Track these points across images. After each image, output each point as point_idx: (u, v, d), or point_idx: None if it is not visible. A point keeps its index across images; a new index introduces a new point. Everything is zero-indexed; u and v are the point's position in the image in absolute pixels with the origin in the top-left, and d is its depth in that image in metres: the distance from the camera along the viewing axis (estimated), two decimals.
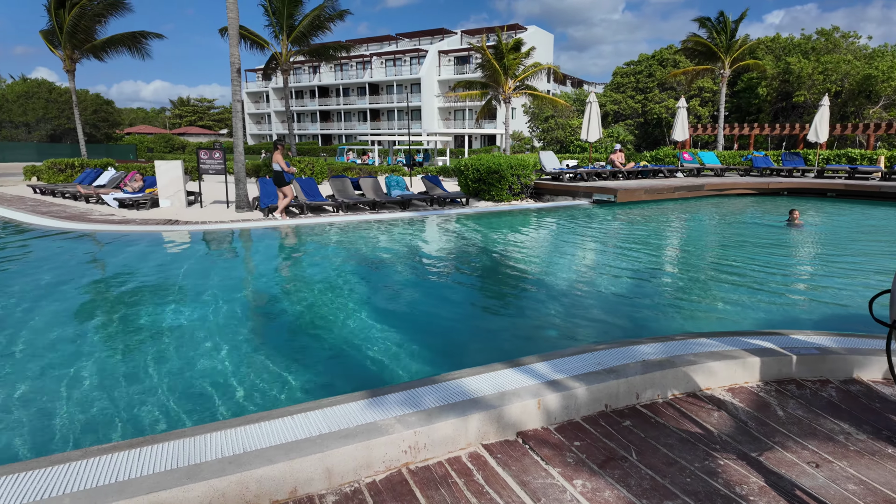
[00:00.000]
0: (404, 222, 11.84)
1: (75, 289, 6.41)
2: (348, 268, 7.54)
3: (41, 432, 3.22)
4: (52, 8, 20.76)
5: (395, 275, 7.25)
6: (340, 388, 3.75)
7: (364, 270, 7.46)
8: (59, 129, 44.90)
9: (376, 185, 14.43)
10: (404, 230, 10.90)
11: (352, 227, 11.03)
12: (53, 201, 14.84)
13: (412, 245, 9.47)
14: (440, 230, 10.96)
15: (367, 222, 11.69)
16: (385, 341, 4.60)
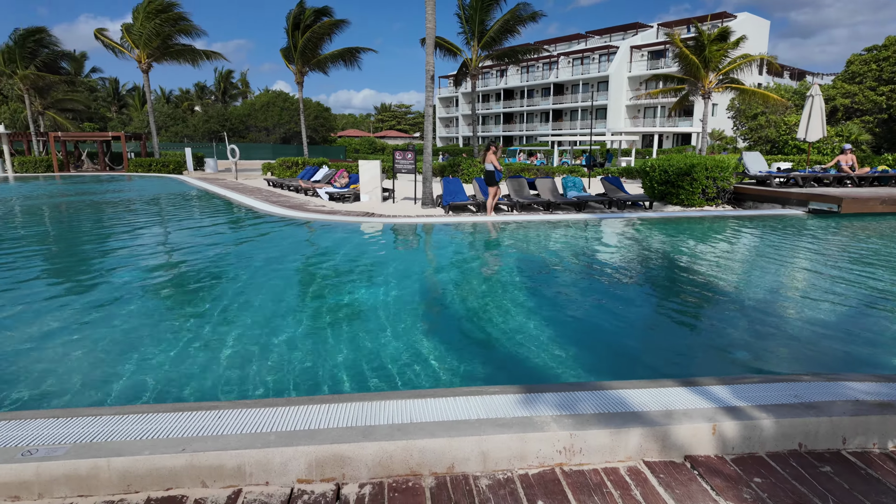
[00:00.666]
0: (579, 224, 11.56)
1: (290, 264, 7.63)
2: (517, 266, 7.65)
3: (246, 372, 3.93)
4: (290, 30, 24.78)
5: (564, 276, 7.14)
6: (497, 379, 3.85)
7: (532, 269, 7.49)
8: (289, 132, 53.40)
9: (552, 186, 14.33)
10: (578, 232, 10.65)
11: (524, 227, 11.14)
12: (281, 193, 17.74)
13: (585, 248, 9.22)
14: (618, 234, 10.45)
15: (540, 222, 11.69)
16: (546, 341, 4.59)
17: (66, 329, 4.84)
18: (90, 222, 12.41)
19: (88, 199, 16.85)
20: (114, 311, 5.38)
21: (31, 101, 32.11)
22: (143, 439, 2.46)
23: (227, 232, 11.08)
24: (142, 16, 26.75)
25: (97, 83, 54.97)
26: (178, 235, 10.60)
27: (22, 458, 2.29)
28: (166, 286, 6.57)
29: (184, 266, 7.70)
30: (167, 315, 5.36)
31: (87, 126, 46.82)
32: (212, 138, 50.71)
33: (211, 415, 2.72)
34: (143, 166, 28.16)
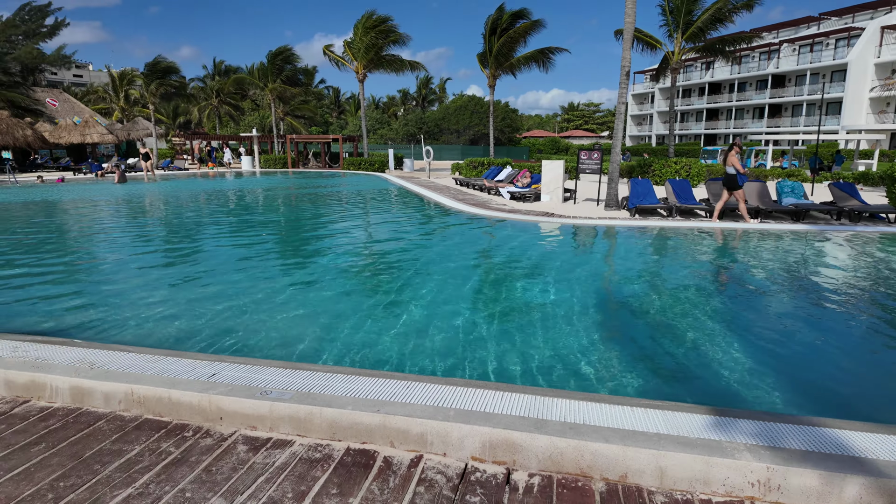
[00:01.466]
0: (796, 236, 9.97)
1: (472, 257, 8.03)
2: (711, 278, 6.93)
3: (424, 351, 4.24)
4: (487, 35, 25.83)
5: (770, 296, 6.26)
6: (677, 395, 3.57)
7: (730, 284, 6.71)
8: (477, 133, 55.72)
9: (763, 191, 12.59)
10: (794, 245, 9.20)
11: (725, 236, 10.00)
12: (467, 191, 18.67)
13: (803, 265, 7.94)
14: (850, 251, 8.79)
15: (745, 232, 10.38)
16: (736, 362, 4.10)
17: (284, 294, 5.82)
18: (312, 209, 14.59)
19: (312, 191, 19.81)
20: (319, 284, 6.28)
21: (275, 109, 38.87)
22: (347, 396, 2.86)
23: (417, 224, 12.05)
24: (360, 30, 30.43)
25: (323, 92, 64.12)
26: (377, 224, 11.88)
27: (260, 397, 2.85)
28: (363, 267, 7.44)
29: (379, 251, 8.62)
30: (365, 293, 6.07)
31: (313, 130, 54.98)
32: (410, 140, 55.44)
33: (400, 385, 3.04)
34: (354, 165, 32.08)
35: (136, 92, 42.00)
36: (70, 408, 3.02)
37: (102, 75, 77.90)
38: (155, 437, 2.73)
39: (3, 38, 41.98)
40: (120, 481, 2.35)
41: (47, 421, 2.87)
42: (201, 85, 49.75)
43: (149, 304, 5.55)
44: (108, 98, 46.78)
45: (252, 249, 8.92)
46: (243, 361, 3.35)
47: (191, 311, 5.29)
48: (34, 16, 45.14)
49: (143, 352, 3.46)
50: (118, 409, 2.99)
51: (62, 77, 74.74)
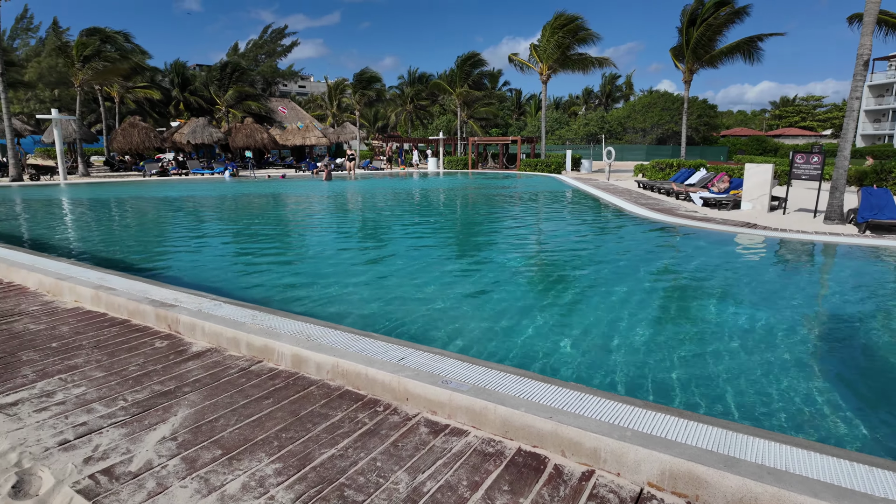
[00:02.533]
0: None
1: (656, 269, 7.52)
2: None
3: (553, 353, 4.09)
4: (684, 27, 23.78)
5: None
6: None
7: None
8: (666, 132, 51.68)
9: None
10: None
11: None
12: (651, 195, 17.48)
13: None
14: None
15: None
16: None
17: (455, 287, 6.12)
18: (486, 207, 15.08)
19: (487, 192, 20.47)
20: (490, 284, 6.47)
21: (460, 113, 40.98)
22: (520, 397, 2.93)
23: (593, 229, 11.66)
24: (548, 31, 30.40)
25: (505, 95, 65.56)
26: (550, 228, 11.80)
27: (441, 385, 3.08)
28: (534, 272, 7.46)
29: (550, 255, 8.56)
30: (536, 297, 6.10)
31: (493, 132, 56.62)
32: (590, 140, 53.74)
33: (573, 395, 3.01)
34: (530, 166, 32.27)
35: (346, 99, 47.77)
36: (290, 371, 3.61)
37: (321, 85, 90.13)
38: (353, 407, 3.13)
39: (252, 58, 51.26)
40: (326, 441, 2.75)
41: (274, 380, 3.47)
42: (398, 91, 54.60)
43: (349, 285, 6.33)
44: (324, 105, 54.01)
45: (428, 245, 9.56)
46: (427, 350, 3.64)
47: (382, 296, 5.89)
48: (274, 37, 54.19)
49: (346, 331, 3.97)
50: (326, 378, 3.49)
51: (290, 88, 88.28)
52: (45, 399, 3.17)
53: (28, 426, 2.86)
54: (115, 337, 4.21)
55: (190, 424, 2.90)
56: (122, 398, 3.19)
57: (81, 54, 27.52)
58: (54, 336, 4.20)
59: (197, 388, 3.34)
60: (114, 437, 2.76)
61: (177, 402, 3.16)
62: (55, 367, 3.63)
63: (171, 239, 10.58)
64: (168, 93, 42.96)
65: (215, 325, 4.05)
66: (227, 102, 37.03)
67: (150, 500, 2.28)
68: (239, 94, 37.06)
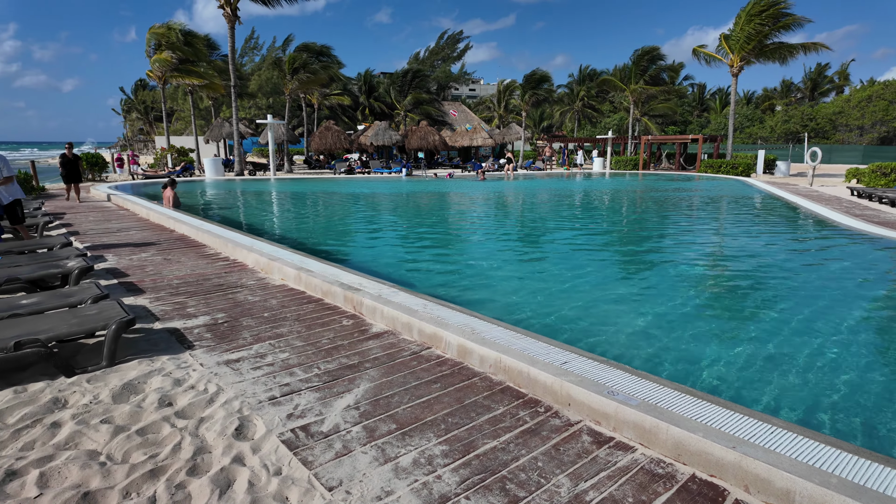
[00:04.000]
0: None
1: (873, 296, 6.31)
2: None
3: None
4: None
5: None
6: None
7: None
8: (892, 131, 42.86)
9: None
10: None
11: None
12: (868, 205, 14.66)
13: None
14: None
15: None
16: None
17: (628, 299, 5.79)
18: (652, 216, 14.03)
19: (657, 195, 19.02)
20: (669, 300, 6.00)
21: (633, 110, 38.75)
22: (697, 421, 2.70)
23: (791, 244, 10.15)
24: (743, 19, 27.17)
25: (686, 90, 60.21)
26: (731, 239, 10.56)
27: (607, 396, 2.97)
28: (710, 289, 6.75)
29: (731, 275, 7.65)
30: (723, 318, 5.53)
31: (670, 130, 52.44)
32: (788, 139, 46.83)
33: (762, 426, 2.68)
34: (712, 167, 29.22)
35: (514, 101, 48.35)
36: (455, 360, 3.80)
37: (490, 88, 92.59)
38: (514, 403, 3.18)
39: (429, 64, 54.57)
40: (489, 433, 2.84)
41: (441, 367, 3.68)
42: (566, 90, 53.55)
43: (507, 283, 6.43)
44: (492, 107, 55.32)
45: (589, 250, 9.23)
46: (591, 357, 3.54)
47: (537, 296, 5.87)
48: (450, 42, 56.96)
49: (508, 328, 4.04)
50: (488, 371, 3.60)
51: (461, 91, 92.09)
52: (258, 360, 3.78)
53: (247, 381, 3.44)
54: (312, 313, 4.84)
55: (370, 397, 3.22)
56: (316, 366, 3.66)
57: (292, 67, 31.99)
58: (266, 307, 4.98)
59: (376, 364, 3.69)
60: (310, 400, 3.19)
61: (359, 375, 3.53)
62: (266, 333, 4.30)
63: (355, 229, 11.80)
64: (356, 99, 47.81)
65: (393, 310, 4.42)
66: (405, 107, 39.95)
67: (336, 459, 2.59)
68: (416, 100, 39.71)
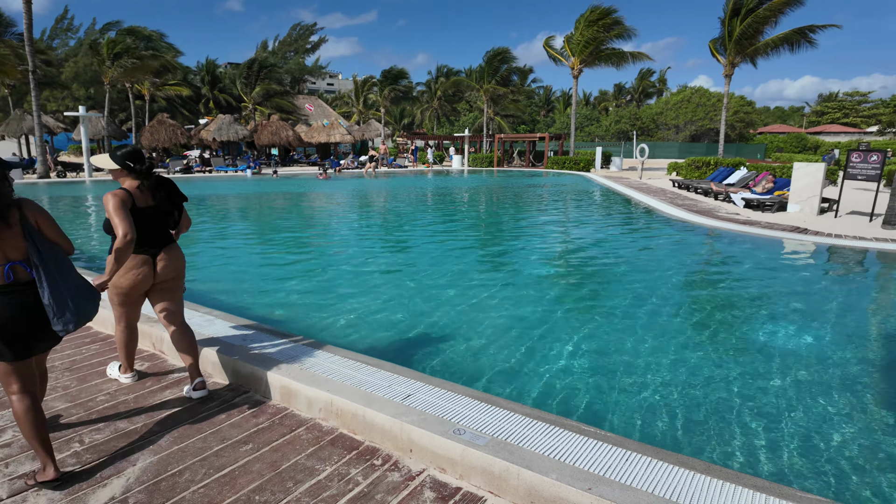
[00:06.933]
0: None
1: (697, 281, 6.80)
2: None
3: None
4: (727, 18, 22.58)
5: None
6: None
7: None
8: (700, 129, 49.90)
9: None
10: None
11: None
12: (687, 195, 16.54)
13: None
14: None
15: None
16: None
17: (467, 300, 5.53)
18: (507, 209, 14.41)
19: (510, 191, 19.75)
20: (505, 296, 5.86)
21: (487, 109, 40.25)
22: (551, 458, 2.35)
23: (624, 233, 10.91)
24: (582, 25, 29.42)
25: (534, 91, 64.42)
26: (577, 231, 11.09)
27: (453, 436, 2.51)
28: (557, 280, 6.82)
29: (573, 261, 7.89)
30: (554, 306, 5.48)
31: (520, 128, 55.63)
32: (621, 137, 52.30)
33: (617, 452, 2.41)
34: (558, 164, 31.36)
35: (373, 96, 47.57)
36: (279, 406, 3.10)
37: (349, 83, 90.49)
38: (346, 458, 2.59)
39: (280, 55, 51.50)
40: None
41: (258, 418, 2.96)
42: (425, 89, 54.14)
43: (349, 296, 5.81)
44: (351, 103, 53.98)
45: (444, 247, 8.99)
46: (438, 384, 3.08)
47: (384, 309, 5.36)
48: (302, 34, 54.33)
49: (346, 356, 3.44)
50: (318, 416, 2.96)
51: (318, 86, 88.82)
52: None
53: None
54: (93, 357, 3.77)
55: (150, 478, 2.40)
56: (77, 440, 2.72)
57: (111, 52, 27.84)
58: None
59: (168, 426, 2.85)
60: (53, 498, 2.28)
61: (140, 444, 2.67)
62: None
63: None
64: (199, 91, 43.44)
65: (203, 345, 3.57)
66: (254, 100, 37.14)
67: None
68: (266, 92, 37.13)
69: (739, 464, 2.90)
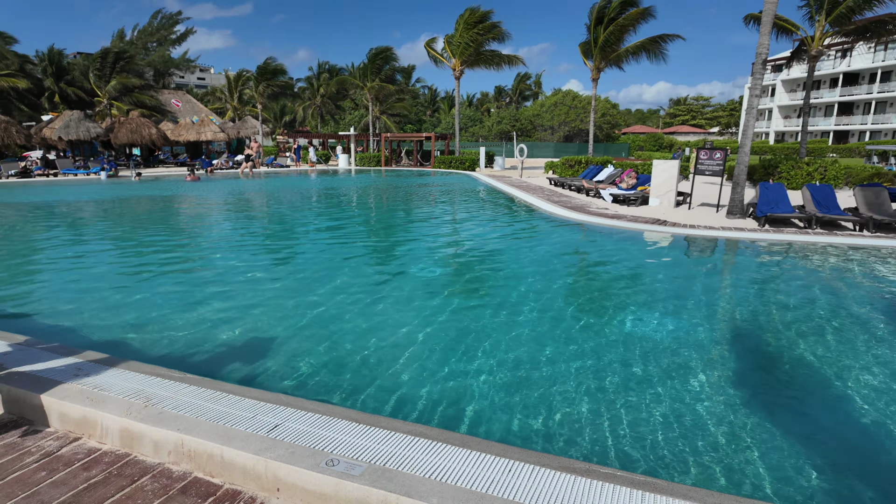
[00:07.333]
0: None
1: (570, 273, 7.12)
2: (867, 320, 5.50)
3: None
4: (592, 25, 24.31)
5: None
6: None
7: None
8: (572, 130, 53.61)
9: None
10: None
11: (887, 257, 8.23)
12: (563, 192, 17.53)
13: None
14: None
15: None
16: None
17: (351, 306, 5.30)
18: (396, 209, 14.27)
19: (399, 190, 19.63)
20: (386, 295, 5.71)
21: (372, 108, 39.74)
22: (433, 479, 2.19)
23: (507, 231, 11.24)
24: (461, 27, 30.01)
25: (419, 91, 64.95)
26: (463, 230, 11.24)
27: (324, 469, 2.26)
28: (437, 285, 6.79)
29: (457, 256, 7.95)
30: (435, 311, 5.42)
31: (407, 128, 55.81)
32: (502, 138, 54.49)
33: (500, 464, 2.32)
34: (445, 163, 31.84)
35: (249, 91, 44.82)
36: (119, 453, 2.62)
37: (222, 77, 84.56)
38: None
39: (140, 46, 46.63)
40: None
41: (90, 470, 2.47)
42: (307, 85, 52.19)
43: (209, 315, 5.28)
44: (224, 98, 50.39)
45: (326, 252, 8.62)
46: (312, 408, 2.79)
47: (262, 323, 4.92)
48: (166, 24, 49.68)
49: (203, 385, 3.02)
50: (167, 460, 2.54)
51: (188, 80, 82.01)
52: None
53: None
54: None
55: None
56: None
57: None
58: None
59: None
60: None
61: None
62: None
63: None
64: (40, 83, 37.87)
65: (14, 387, 2.94)
66: (109, 94, 33.19)
67: None
68: (124, 86, 33.33)
69: (621, 460, 2.97)
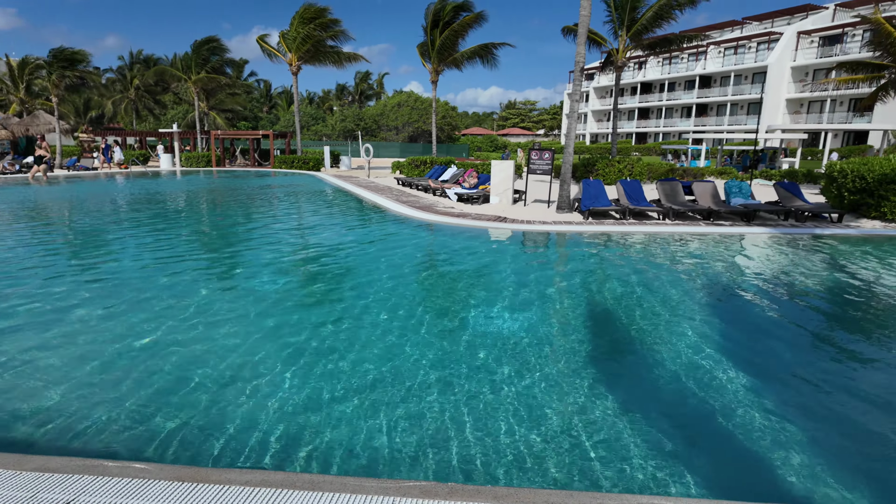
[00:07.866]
0: (751, 239, 9.77)
1: (411, 269, 7.11)
2: (685, 294, 6.38)
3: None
4: (429, 28, 24.89)
5: (743, 317, 5.76)
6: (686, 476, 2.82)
7: (696, 296, 6.18)
8: (416, 131, 54.72)
9: (713, 192, 12.46)
10: (755, 250, 8.94)
11: (683, 240, 9.64)
12: (410, 192, 17.68)
13: (765, 274, 7.58)
14: (811, 256, 8.57)
15: (700, 235, 10.09)
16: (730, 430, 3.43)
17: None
18: (229, 216, 13.10)
19: (232, 194, 18.11)
20: (221, 313, 5.16)
21: (198, 103, 36.16)
22: None
23: (356, 233, 10.96)
24: (297, 21, 28.61)
25: (253, 86, 60.91)
26: (308, 236, 10.69)
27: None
28: (286, 280, 6.34)
29: (306, 262, 7.52)
30: (283, 322, 5.02)
31: (241, 125, 52.02)
32: (347, 137, 53.60)
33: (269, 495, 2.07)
34: (286, 163, 30.22)
35: (41, 81, 37.85)
36: None
37: (2, 64, 70.33)
38: None
39: None
40: None
41: None
42: (118, 77, 45.71)
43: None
44: (7, 89, 41.92)
45: (155, 267, 7.55)
46: (117, 472, 2.26)
47: (51, 367, 4.04)
48: None
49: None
50: None
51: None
52: None
53: None
54: None
55: None
56: None
57: None
58: None
59: None
60: None
61: None
62: None
63: None
64: None
65: None
66: None
67: None
68: None
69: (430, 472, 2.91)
